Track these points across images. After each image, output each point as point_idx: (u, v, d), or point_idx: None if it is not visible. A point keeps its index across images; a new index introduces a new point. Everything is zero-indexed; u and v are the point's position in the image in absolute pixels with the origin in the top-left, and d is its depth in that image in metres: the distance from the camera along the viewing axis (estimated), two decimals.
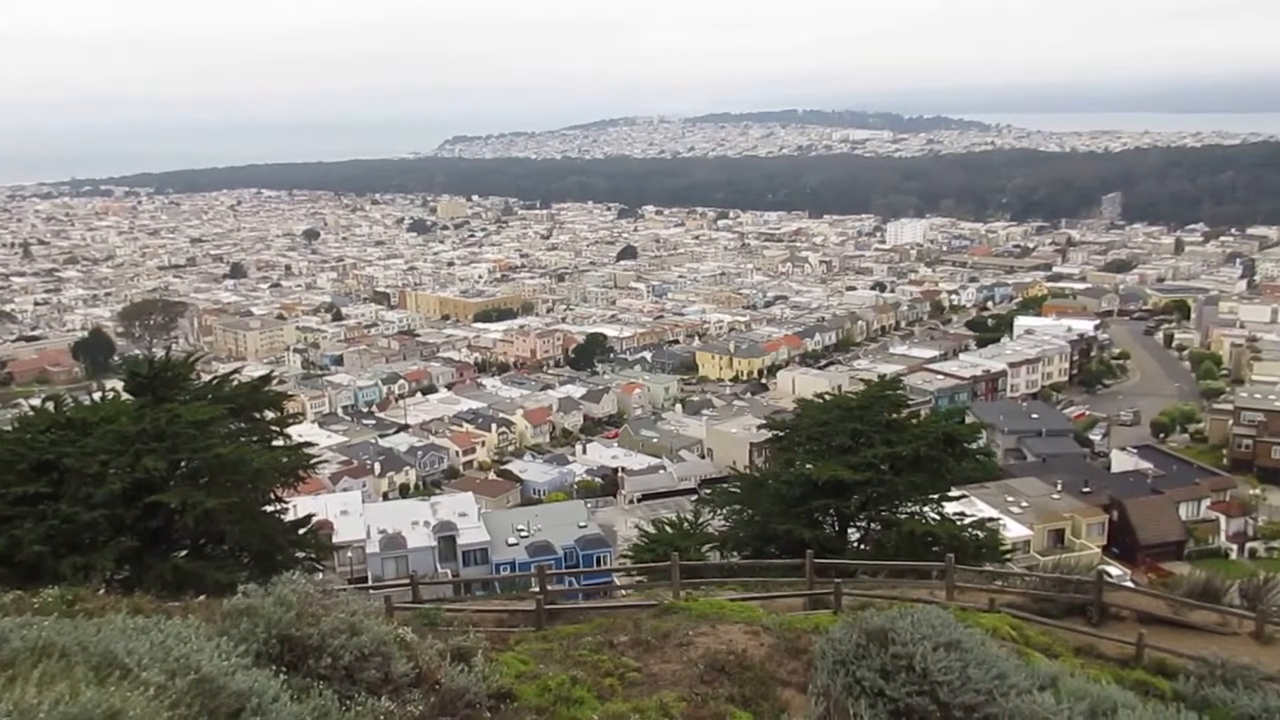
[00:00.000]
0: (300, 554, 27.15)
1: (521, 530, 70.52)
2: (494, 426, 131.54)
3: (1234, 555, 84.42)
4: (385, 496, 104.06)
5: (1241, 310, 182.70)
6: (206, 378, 32.27)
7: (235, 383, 30.13)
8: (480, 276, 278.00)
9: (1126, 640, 16.73)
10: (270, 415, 30.00)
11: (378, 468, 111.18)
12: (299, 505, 32.47)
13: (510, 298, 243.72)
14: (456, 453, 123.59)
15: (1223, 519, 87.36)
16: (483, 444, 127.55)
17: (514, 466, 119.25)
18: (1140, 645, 16.30)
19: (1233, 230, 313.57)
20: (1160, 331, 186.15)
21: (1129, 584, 46.48)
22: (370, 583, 52.81)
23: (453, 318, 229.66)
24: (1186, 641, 16.88)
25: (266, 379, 31.82)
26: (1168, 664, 15.72)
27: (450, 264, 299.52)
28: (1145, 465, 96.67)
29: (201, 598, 16.20)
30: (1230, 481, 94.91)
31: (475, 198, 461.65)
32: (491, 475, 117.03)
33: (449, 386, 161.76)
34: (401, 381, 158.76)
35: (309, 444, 36.68)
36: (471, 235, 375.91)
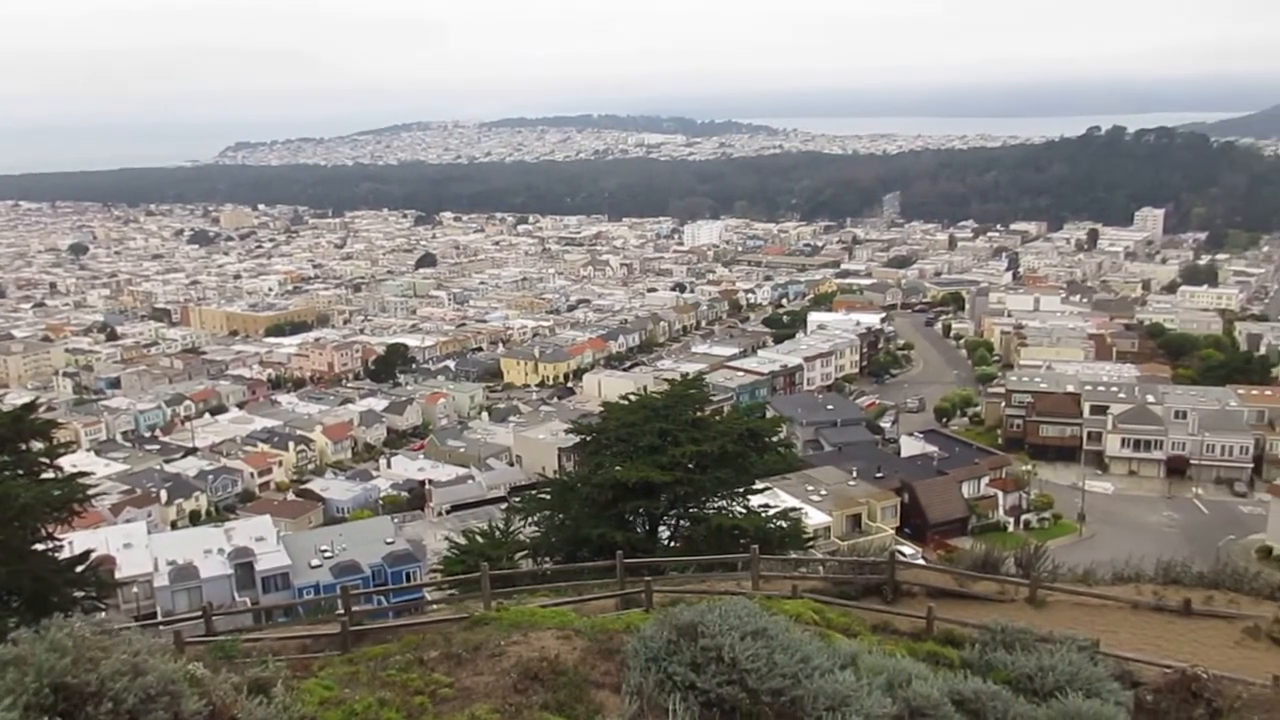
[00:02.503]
0: (79, 593, 25.24)
1: (325, 551, 68.17)
2: (291, 445, 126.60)
3: (1011, 528, 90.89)
4: (174, 525, 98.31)
5: (1009, 300, 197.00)
6: None
7: None
8: (270, 289, 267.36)
9: (918, 615, 17.64)
10: (38, 446, 27.72)
11: (164, 495, 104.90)
12: (75, 541, 30.26)
13: (304, 310, 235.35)
14: (251, 474, 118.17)
15: (1000, 495, 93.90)
16: (280, 464, 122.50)
17: (315, 485, 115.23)
18: (930, 618, 17.22)
19: (998, 226, 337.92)
20: (939, 322, 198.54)
21: (920, 562, 49.19)
22: (160, 618, 49.71)
23: (242, 333, 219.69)
24: (971, 611, 17.96)
25: (31, 406, 29.30)
26: (955, 633, 16.67)
27: (237, 277, 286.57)
28: (931, 449, 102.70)
29: None
30: (1005, 460, 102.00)
31: (262, 207, 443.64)
32: (291, 496, 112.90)
33: (241, 405, 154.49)
34: (187, 402, 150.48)
35: (83, 474, 34.25)
36: (259, 246, 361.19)
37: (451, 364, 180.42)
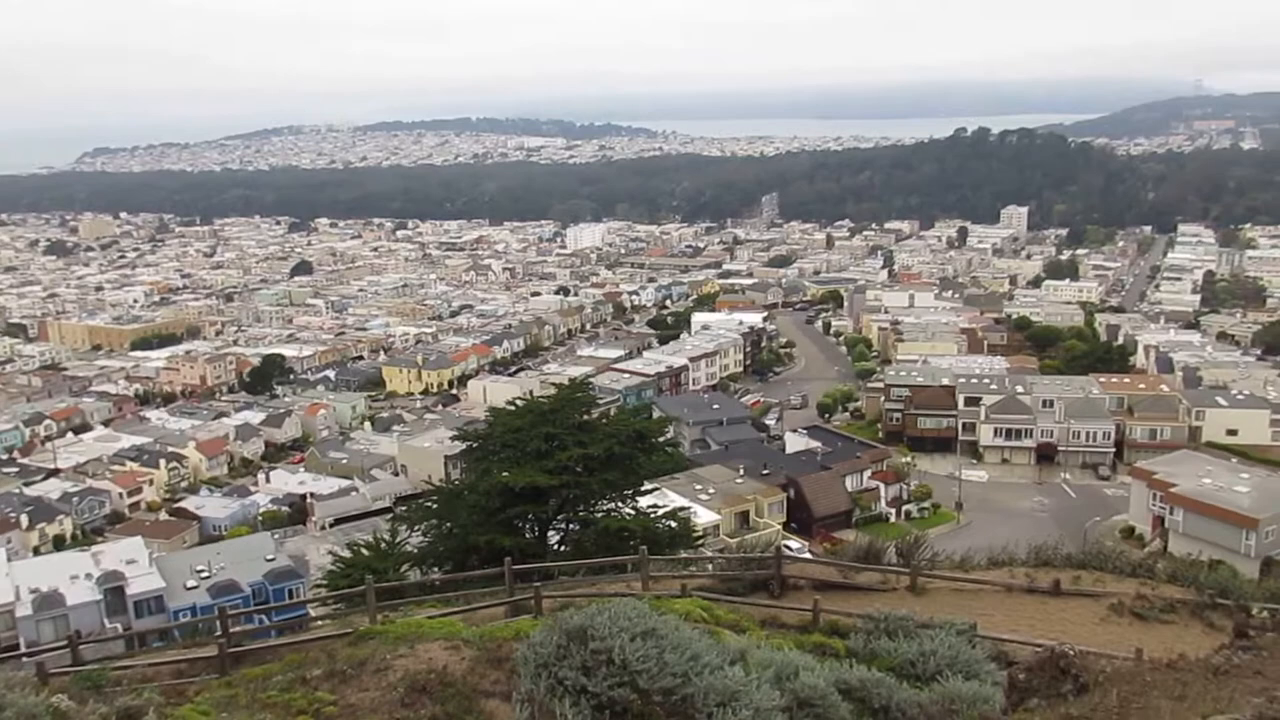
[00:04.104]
0: None
1: (202, 571, 65.81)
2: (163, 462, 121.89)
3: (893, 518, 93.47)
4: (36, 551, 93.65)
5: (885, 297, 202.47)
6: None
7: None
8: (136, 300, 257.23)
9: (804, 607, 17.97)
10: None
11: (25, 520, 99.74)
12: None
13: (173, 322, 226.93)
14: (120, 494, 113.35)
15: (882, 487, 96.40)
16: (150, 482, 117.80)
17: (189, 504, 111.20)
18: (816, 610, 17.57)
19: (873, 225, 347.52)
20: (819, 320, 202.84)
21: (806, 556, 50.20)
22: (22, 650, 47.21)
23: (106, 347, 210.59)
24: (855, 602, 18.40)
25: None
26: (840, 624, 17.04)
27: (99, 288, 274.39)
28: (815, 444, 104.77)
29: None
30: (886, 452, 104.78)
31: (124, 215, 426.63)
32: (164, 515, 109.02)
33: (106, 423, 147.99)
34: (48, 421, 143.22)
35: None
36: (122, 256, 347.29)
37: (331, 374, 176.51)
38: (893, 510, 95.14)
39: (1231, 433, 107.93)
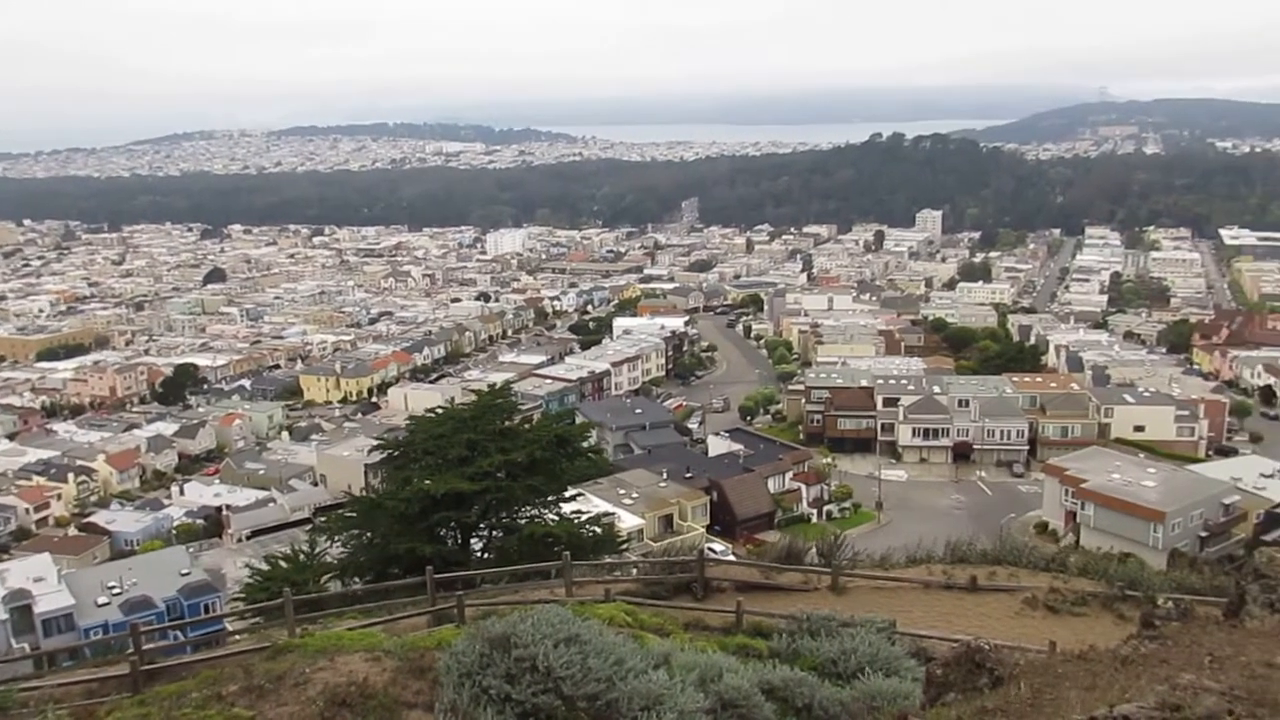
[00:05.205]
0: None
1: (114, 587, 63.96)
2: (71, 476, 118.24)
3: (815, 519, 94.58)
4: None
5: (804, 301, 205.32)
6: None
7: None
8: (41, 310, 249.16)
9: (728, 609, 18.08)
10: None
11: None
12: None
13: (81, 331, 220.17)
14: (26, 510, 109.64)
15: (804, 488, 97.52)
16: (58, 497, 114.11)
17: (99, 518, 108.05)
18: (739, 612, 17.69)
19: (792, 229, 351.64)
20: (740, 324, 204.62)
21: (729, 558, 50.61)
22: None
23: (10, 358, 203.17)
24: (778, 602, 18.58)
25: None
26: (763, 625, 17.19)
27: (1, 298, 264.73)
28: (737, 447, 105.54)
29: None
30: (807, 454, 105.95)
31: (28, 222, 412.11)
32: (73, 531, 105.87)
33: (11, 436, 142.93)
34: None
35: None
36: (26, 264, 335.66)
37: (247, 383, 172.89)
38: (814, 511, 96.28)
39: (1139, 429, 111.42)
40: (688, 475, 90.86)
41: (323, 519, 48.54)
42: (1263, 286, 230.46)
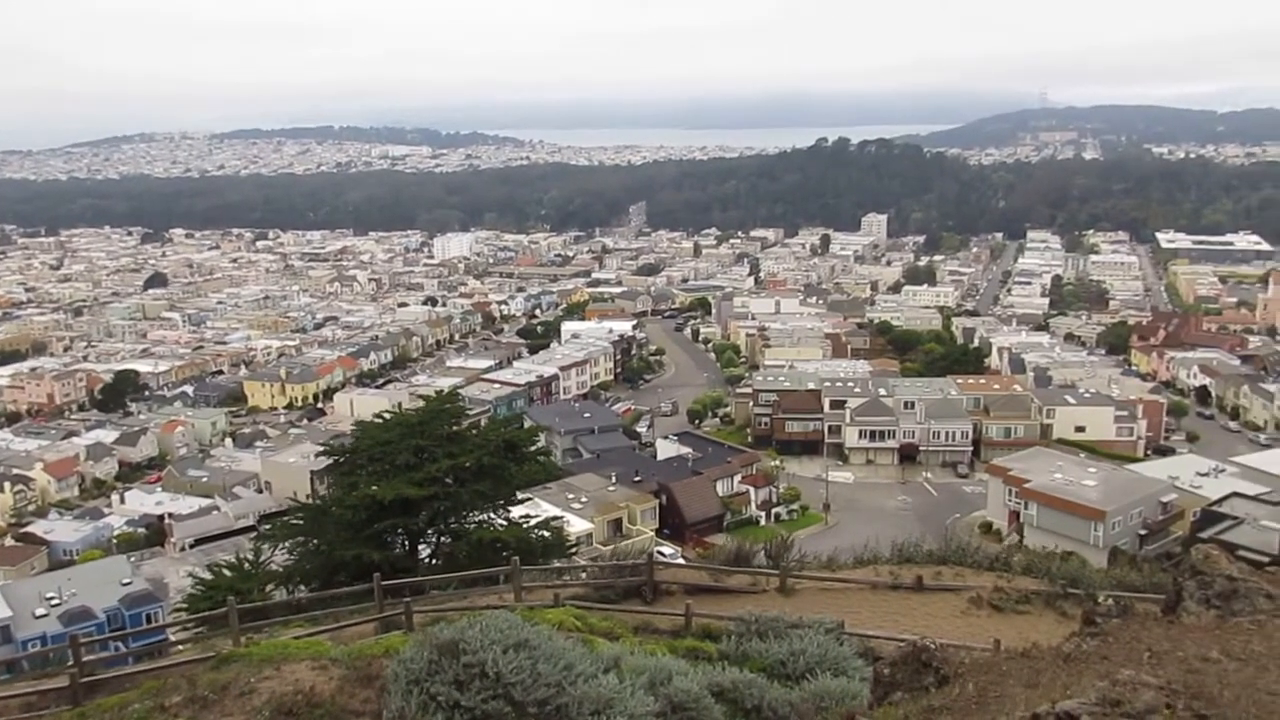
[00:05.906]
0: None
1: (52, 598, 62.65)
2: (8, 485, 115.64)
3: (763, 521, 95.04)
4: None
5: (752, 304, 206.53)
6: None
7: None
8: None
9: (677, 612, 18.11)
10: None
11: None
12: None
13: (17, 337, 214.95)
14: None
15: (752, 490, 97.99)
16: None
17: (37, 528, 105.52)
18: (688, 615, 17.73)
19: (739, 233, 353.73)
20: (688, 327, 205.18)
21: (678, 561, 50.68)
22: None
23: None
24: (726, 605, 18.64)
25: None
26: (712, 627, 17.24)
27: None
28: (685, 450, 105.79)
29: None
30: (755, 456, 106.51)
31: None
32: (9, 541, 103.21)
33: None
34: None
35: None
36: None
37: (189, 389, 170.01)
38: (763, 513, 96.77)
39: (1080, 429, 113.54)
40: (636, 479, 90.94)
41: (268, 526, 47.82)
42: (1198, 289, 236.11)
